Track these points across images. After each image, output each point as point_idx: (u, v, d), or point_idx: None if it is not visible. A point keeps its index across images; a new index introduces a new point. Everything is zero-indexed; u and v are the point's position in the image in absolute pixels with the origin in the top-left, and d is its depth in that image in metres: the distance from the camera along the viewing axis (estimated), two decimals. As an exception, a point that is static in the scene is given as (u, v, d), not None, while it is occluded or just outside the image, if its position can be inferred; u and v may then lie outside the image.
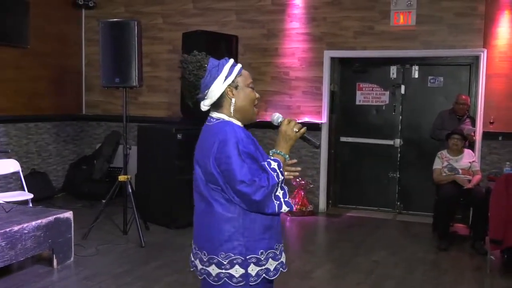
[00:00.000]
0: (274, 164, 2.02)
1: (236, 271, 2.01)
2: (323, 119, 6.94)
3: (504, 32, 6.27)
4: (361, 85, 7.16)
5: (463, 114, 6.24)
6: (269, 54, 7.16)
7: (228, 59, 2.15)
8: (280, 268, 2.12)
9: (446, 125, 6.18)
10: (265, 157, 2.10)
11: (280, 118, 2.19)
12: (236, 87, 2.10)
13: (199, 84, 2.07)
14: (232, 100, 2.09)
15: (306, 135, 2.19)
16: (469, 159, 5.80)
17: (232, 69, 2.10)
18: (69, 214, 4.63)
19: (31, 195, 5.57)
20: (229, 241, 2.02)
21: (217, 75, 2.07)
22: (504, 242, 4.58)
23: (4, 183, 6.63)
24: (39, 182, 6.94)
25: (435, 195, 5.97)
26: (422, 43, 6.52)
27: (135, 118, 6.96)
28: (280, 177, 2.01)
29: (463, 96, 6.27)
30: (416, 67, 6.91)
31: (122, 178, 5.45)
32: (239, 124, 2.10)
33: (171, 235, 5.66)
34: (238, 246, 2.02)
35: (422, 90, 6.92)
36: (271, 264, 2.08)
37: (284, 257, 2.17)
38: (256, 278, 2.03)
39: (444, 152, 5.86)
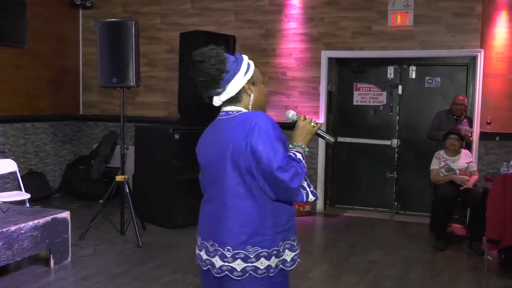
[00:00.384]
0: (299, 155, 2.04)
1: (262, 263, 2.01)
2: (320, 119, 6.95)
3: (501, 33, 6.28)
4: (358, 85, 7.17)
5: (461, 115, 6.26)
6: (266, 54, 7.16)
7: (241, 55, 2.15)
8: (298, 259, 2.14)
9: (444, 125, 6.19)
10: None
11: (295, 115, 2.21)
12: (253, 83, 2.12)
13: (221, 78, 2.05)
14: (251, 95, 2.11)
15: (321, 130, 2.22)
16: (466, 159, 5.81)
17: (249, 65, 2.12)
18: (66, 214, 4.62)
19: (28, 195, 5.56)
20: (258, 234, 2.00)
21: (237, 70, 2.07)
22: (501, 242, 4.59)
23: (1, 183, 6.62)
24: (36, 182, 6.93)
25: (432, 195, 5.98)
26: (420, 44, 6.53)
27: (132, 118, 6.94)
28: (306, 167, 2.03)
29: (461, 97, 6.29)
30: (414, 68, 6.93)
31: (119, 178, 5.45)
32: None
33: (169, 235, 5.63)
34: (267, 240, 2.01)
35: (419, 91, 6.93)
36: (288, 254, 2.09)
37: (299, 248, 2.18)
38: (275, 269, 2.05)
39: (442, 152, 5.87)
